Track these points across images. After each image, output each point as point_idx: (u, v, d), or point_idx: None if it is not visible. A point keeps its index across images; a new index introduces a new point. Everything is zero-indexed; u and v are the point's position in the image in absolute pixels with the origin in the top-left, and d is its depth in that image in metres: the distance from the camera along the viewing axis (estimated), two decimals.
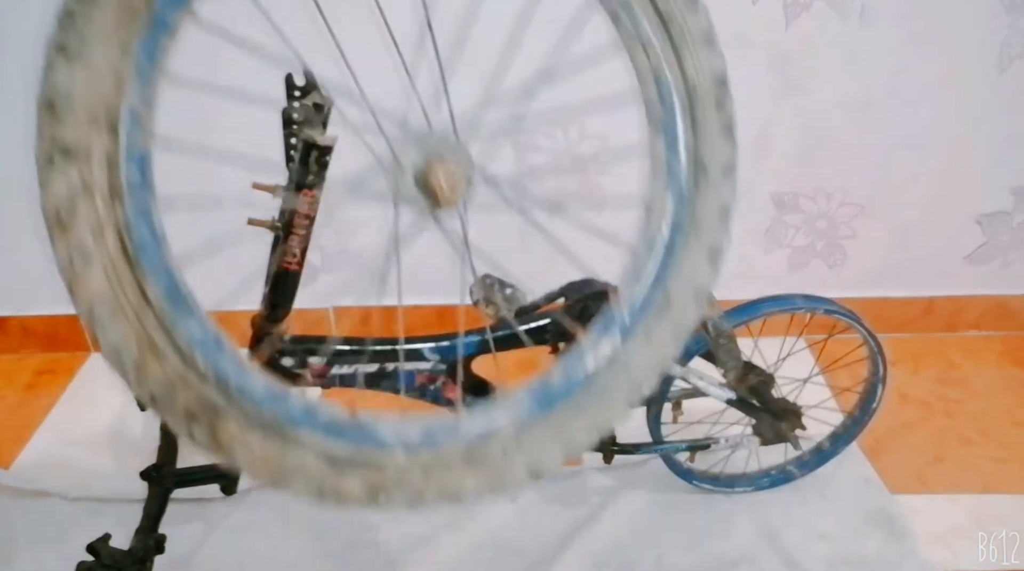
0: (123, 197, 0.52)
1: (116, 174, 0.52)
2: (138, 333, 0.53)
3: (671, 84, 0.63)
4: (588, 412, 0.65)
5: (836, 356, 1.14)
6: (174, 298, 0.54)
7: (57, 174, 0.51)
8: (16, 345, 1.49)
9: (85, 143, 0.51)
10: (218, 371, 0.55)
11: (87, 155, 0.51)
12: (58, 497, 1.14)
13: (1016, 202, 1.41)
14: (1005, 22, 1.23)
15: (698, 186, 0.66)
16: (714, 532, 1.10)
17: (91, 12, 0.49)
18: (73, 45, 0.49)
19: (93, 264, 0.51)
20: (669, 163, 0.65)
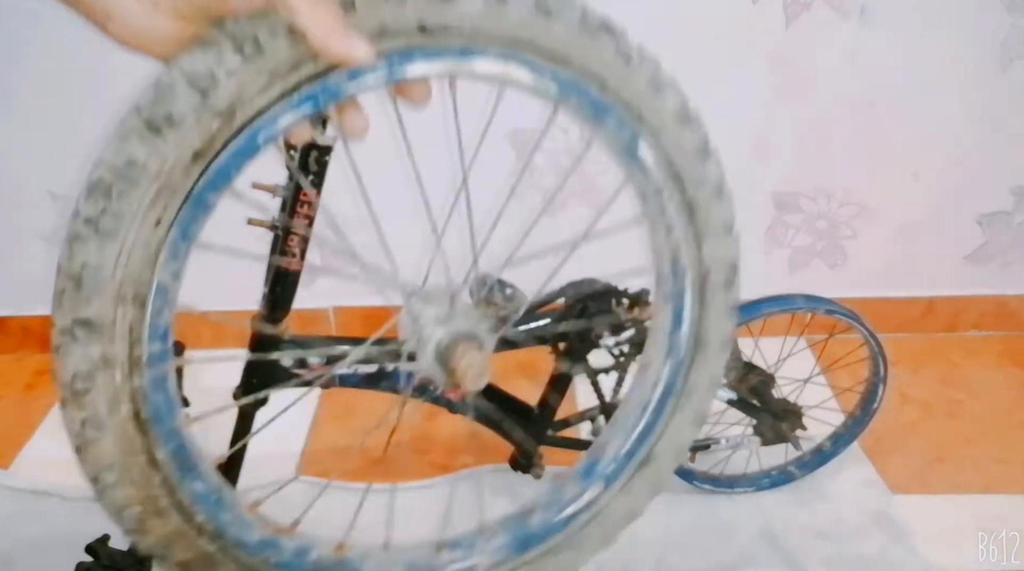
0: (142, 369, 0.51)
1: (138, 348, 0.51)
2: (142, 495, 0.53)
3: (686, 266, 0.65)
4: (560, 556, 0.69)
5: (837, 356, 1.14)
6: (181, 460, 0.54)
7: (77, 347, 0.49)
8: (16, 345, 1.49)
9: (110, 318, 0.49)
10: (217, 525, 0.57)
11: (110, 330, 0.49)
12: (57, 497, 1.14)
13: (1016, 202, 1.41)
14: (1006, 21, 1.23)
15: (695, 359, 0.68)
16: (715, 533, 1.09)
17: (130, 191, 0.47)
18: (106, 223, 0.47)
19: (105, 433, 0.51)
20: (672, 335, 0.67)
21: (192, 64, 0.46)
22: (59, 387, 0.49)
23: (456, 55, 0.51)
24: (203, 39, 0.46)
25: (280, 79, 0.48)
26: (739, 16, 1.21)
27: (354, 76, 0.49)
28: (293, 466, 1.20)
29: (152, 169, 0.47)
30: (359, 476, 1.16)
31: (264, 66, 0.47)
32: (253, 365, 0.89)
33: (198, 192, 0.49)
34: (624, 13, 1.08)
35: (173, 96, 0.46)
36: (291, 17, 0.45)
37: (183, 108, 0.46)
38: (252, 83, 0.47)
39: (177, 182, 0.48)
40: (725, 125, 1.44)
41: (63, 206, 1.35)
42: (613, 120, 0.57)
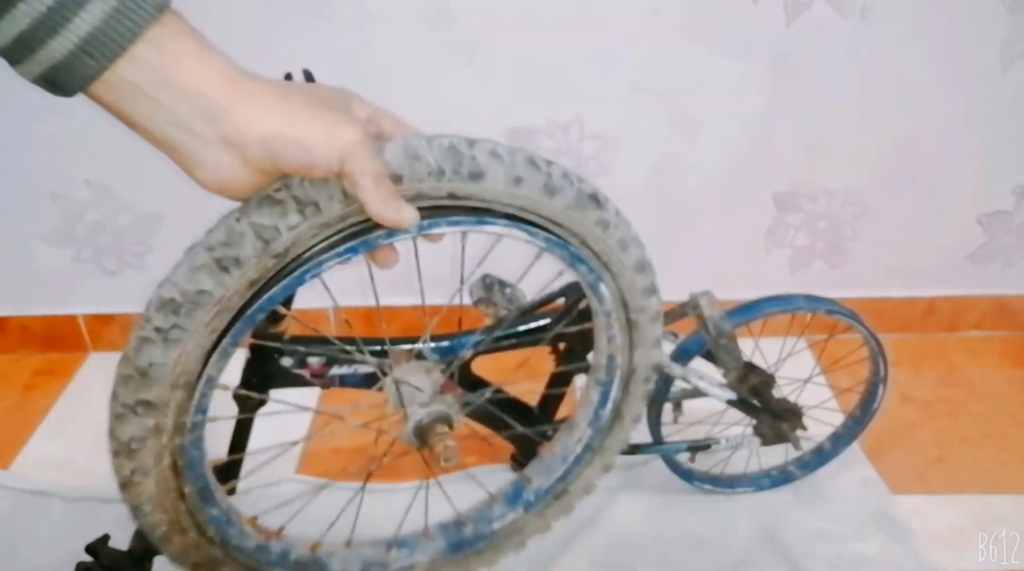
0: (185, 434, 0.64)
1: (184, 419, 0.63)
2: (169, 518, 0.69)
3: (619, 366, 0.82)
4: (484, 556, 0.90)
5: (837, 356, 1.14)
6: (204, 494, 0.71)
7: (136, 420, 0.61)
8: (15, 345, 1.49)
9: (165, 400, 0.61)
10: (223, 537, 0.74)
11: (164, 408, 0.62)
12: (57, 498, 1.14)
13: (1018, 202, 1.41)
14: (1007, 21, 1.22)
15: (612, 428, 0.87)
16: (715, 533, 1.09)
17: (195, 311, 0.58)
18: (174, 334, 0.58)
19: (149, 478, 0.65)
20: (597, 410, 0.86)
21: (260, 218, 0.56)
22: (115, 447, 0.63)
23: (473, 222, 0.64)
24: (271, 195, 0.55)
25: (329, 230, 0.59)
26: (739, 15, 1.21)
27: (391, 234, 0.60)
28: (293, 466, 1.21)
29: (216, 296, 0.58)
30: (359, 476, 1.16)
31: (319, 221, 0.58)
32: (253, 365, 0.89)
33: (250, 313, 0.60)
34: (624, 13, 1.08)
35: (242, 243, 0.57)
36: (355, 190, 0.54)
37: (249, 253, 0.57)
38: (307, 234, 0.58)
39: (234, 304, 0.59)
40: (725, 124, 1.45)
41: (63, 206, 1.35)
42: (585, 267, 0.72)
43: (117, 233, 1.38)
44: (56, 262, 1.40)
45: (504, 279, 0.98)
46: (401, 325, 1.36)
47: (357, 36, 1.19)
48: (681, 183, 1.36)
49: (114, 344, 1.48)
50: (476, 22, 1.19)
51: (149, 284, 0.59)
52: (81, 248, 1.40)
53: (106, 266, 1.42)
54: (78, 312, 1.47)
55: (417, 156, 0.59)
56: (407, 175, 0.59)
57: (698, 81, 1.27)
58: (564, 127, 1.29)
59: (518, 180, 0.63)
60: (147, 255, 1.41)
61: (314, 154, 0.51)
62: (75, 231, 1.38)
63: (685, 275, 1.31)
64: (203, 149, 0.49)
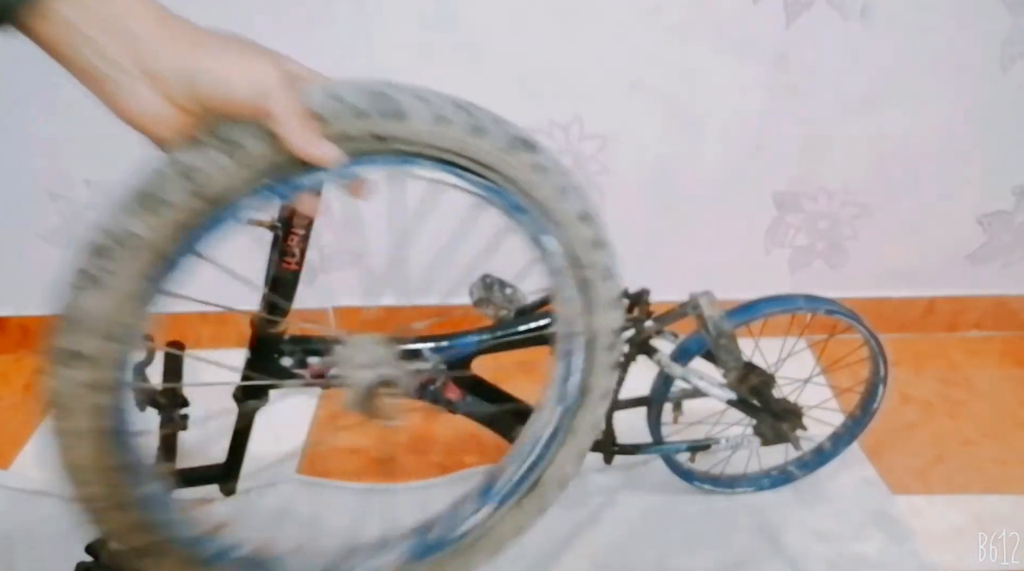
0: (118, 392, 0.63)
1: (119, 375, 0.63)
2: (106, 491, 0.66)
3: (579, 332, 0.78)
4: (456, 561, 0.83)
5: (837, 356, 1.13)
6: (135, 469, 0.67)
7: (68, 372, 0.60)
8: (14, 345, 1.49)
9: (98, 352, 0.60)
10: (164, 521, 0.70)
11: (97, 361, 0.60)
12: (57, 497, 1.13)
13: (1018, 202, 1.41)
14: (1007, 21, 1.22)
15: (581, 405, 0.82)
16: (715, 533, 1.09)
17: (126, 255, 0.58)
18: (103, 278, 0.58)
19: (83, 441, 0.63)
20: (562, 385, 0.81)
21: (186, 158, 0.57)
22: (47, 398, 0.61)
23: (396, 163, 0.64)
24: (196, 137, 0.56)
25: (259, 174, 0.59)
26: (739, 15, 1.21)
27: (313, 173, 0.61)
28: (293, 466, 1.21)
29: (145, 238, 0.58)
30: (359, 476, 1.16)
31: (246, 163, 0.58)
32: (253, 365, 0.89)
33: (173, 256, 0.60)
34: (624, 12, 1.08)
35: (169, 184, 0.57)
36: (276, 128, 0.55)
37: (177, 194, 0.58)
38: (236, 178, 0.58)
39: (164, 248, 0.59)
40: (725, 124, 1.44)
41: (63, 206, 1.35)
42: (525, 217, 0.70)
43: None
44: (56, 262, 1.40)
45: (504, 279, 0.98)
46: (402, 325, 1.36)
47: (357, 36, 1.19)
48: (681, 183, 1.36)
49: None
50: (476, 22, 1.19)
51: None
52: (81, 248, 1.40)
53: None
54: None
55: (339, 97, 0.59)
56: (329, 114, 0.59)
57: (698, 81, 1.27)
58: (564, 127, 1.29)
59: (442, 119, 0.63)
60: None
61: (235, 88, 0.52)
62: (75, 231, 1.38)
63: (685, 275, 1.31)
64: (129, 83, 0.51)
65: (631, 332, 0.97)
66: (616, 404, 1.01)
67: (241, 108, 0.54)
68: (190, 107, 0.53)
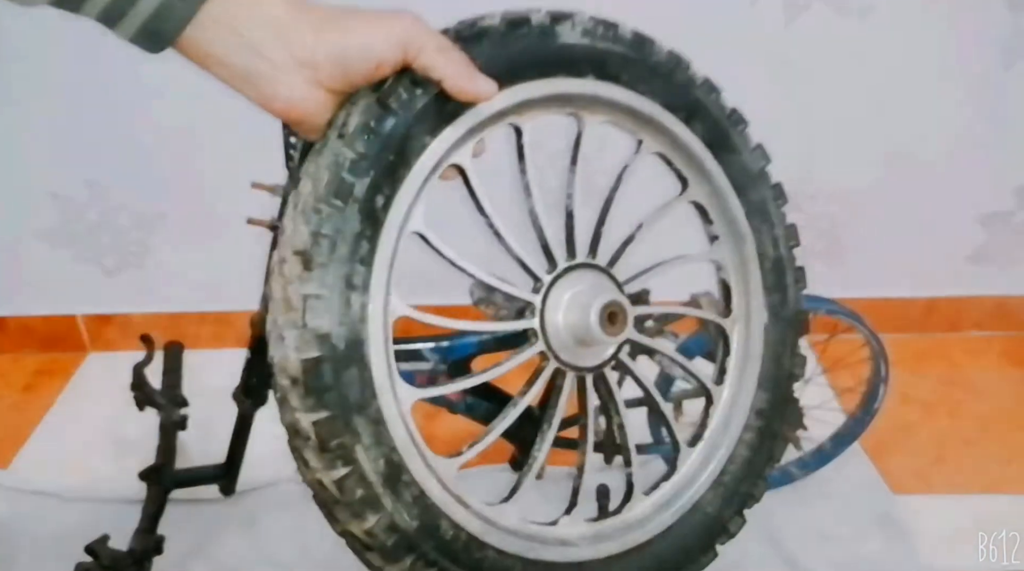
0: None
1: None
2: None
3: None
4: None
5: (838, 356, 1.13)
6: None
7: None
8: (14, 345, 1.48)
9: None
10: None
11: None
12: (56, 498, 1.14)
13: (1018, 202, 1.41)
14: (1009, 20, 1.22)
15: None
16: None
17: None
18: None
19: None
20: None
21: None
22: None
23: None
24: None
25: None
26: (738, 15, 1.21)
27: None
28: (293, 466, 1.20)
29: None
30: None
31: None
32: (253, 365, 0.89)
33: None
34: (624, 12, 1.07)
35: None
36: (427, 72, 0.55)
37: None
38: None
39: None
40: None
41: (63, 206, 1.35)
42: None
43: (117, 233, 1.38)
44: (56, 262, 1.40)
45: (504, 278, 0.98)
46: (401, 327, 1.36)
47: None
48: None
49: (113, 344, 1.48)
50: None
51: (149, 284, 0.59)
52: (81, 248, 1.40)
53: (106, 266, 1.42)
54: (77, 312, 1.46)
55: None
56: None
57: None
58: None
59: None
60: (146, 255, 1.41)
61: (378, 52, 0.54)
62: (75, 231, 1.38)
63: (685, 275, 1.31)
64: (278, 75, 0.52)
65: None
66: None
67: (388, 68, 0.55)
68: (340, 87, 0.55)
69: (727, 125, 0.74)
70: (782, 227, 0.80)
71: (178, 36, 0.50)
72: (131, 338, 1.29)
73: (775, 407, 0.79)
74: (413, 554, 0.60)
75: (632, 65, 0.68)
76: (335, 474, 0.57)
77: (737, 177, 0.75)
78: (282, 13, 0.51)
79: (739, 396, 0.79)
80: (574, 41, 0.64)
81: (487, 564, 0.65)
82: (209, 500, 1.09)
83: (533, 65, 0.63)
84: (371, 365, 0.58)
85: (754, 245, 0.77)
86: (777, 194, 0.79)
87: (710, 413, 0.80)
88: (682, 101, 0.71)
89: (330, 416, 0.56)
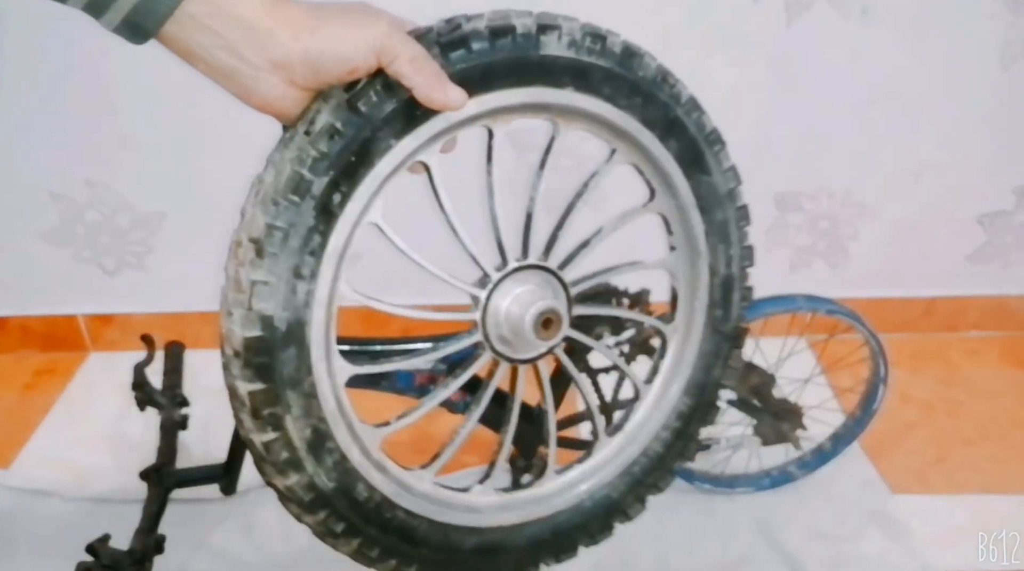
0: None
1: None
2: None
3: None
4: None
5: (837, 356, 1.14)
6: None
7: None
8: (15, 345, 1.49)
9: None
10: None
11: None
12: (57, 497, 1.14)
13: (1018, 202, 1.41)
14: (1008, 21, 1.22)
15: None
16: (715, 532, 1.10)
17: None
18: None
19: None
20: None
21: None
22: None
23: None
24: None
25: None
26: (740, 15, 1.21)
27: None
28: None
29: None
30: None
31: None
32: None
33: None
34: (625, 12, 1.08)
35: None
36: (400, 79, 0.57)
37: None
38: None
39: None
40: (726, 124, 1.43)
41: (63, 206, 1.35)
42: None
43: (117, 233, 1.38)
44: (56, 262, 1.40)
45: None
46: (400, 325, 1.36)
47: None
48: None
49: (114, 344, 1.48)
50: None
51: (149, 284, 0.59)
52: (81, 248, 1.40)
53: (106, 266, 1.42)
54: (78, 312, 1.47)
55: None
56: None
57: (698, 81, 1.26)
58: None
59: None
60: (147, 255, 1.41)
61: (353, 59, 0.55)
62: (75, 231, 1.38)
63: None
64: (255, 74, 0.54)
65: (631, 332, 0.97)
66: (615, 404, 1.01)
67: (361, 73, 0.57)
68: (314, 86, 0.57)
69: (703, 145, 0.75)
70: (739, 248, 0.81)
71: (158, 30, 0.52)
72: (132, 338, 1.29)
73: (696, 411, 0.84)
74: (327, 509, 0.67)
75: (615, 80, 0.68)
76: (264, 437, 0.62)
77: (704, 196, 0.77)
78: (258, 14, 0.53)
79: (664, 397, 0.83)
80: (558, 53, 0.64)
81: (395, 523, 0.72)
82: (210, 500, 1.09)
83: (512, 74, 0.63)
84: (310, 345, 0.62)
85: (708, 262, 0.79)
86: (741, 216, 0.80)
87: (634, 408, 0.84)
88: (661, 118, 0.72)
89: (265, 388, 0.61)
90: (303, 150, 0.58)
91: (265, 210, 0.58)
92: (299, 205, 0.58)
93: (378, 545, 0.71)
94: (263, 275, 0.58)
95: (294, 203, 0.58)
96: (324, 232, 0.60)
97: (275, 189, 0.58)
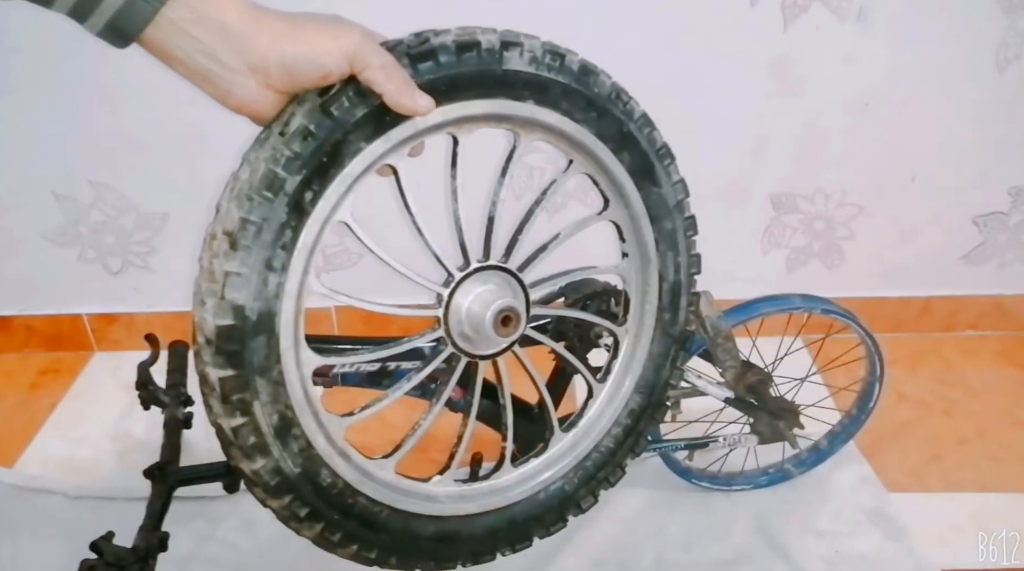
0: None
1: None
2: None
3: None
4: None
5: (834, 355, 1.14)
6: None
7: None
8: (20, 344, 1.50)
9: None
10: None
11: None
12: (61, 495, 1.15)
13: (1013, 202, 1.42)
14: (1003, 23, 1.23)
15: None
16: (712, 530, 1.10)
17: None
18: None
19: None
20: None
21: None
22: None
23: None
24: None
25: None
26: (737, 18, 1.22)
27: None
28: None
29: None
30: None
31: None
32: None
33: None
34: (624, 13, 1.09)
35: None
36: (371, 86, 0.60)
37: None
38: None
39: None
40: (723, 126, 1.45)
41: (66, 206, 1.36)
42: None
43: (121, 233, 1.39)
44: (60, 262, 1.41)
45: None
46: (401, 325, 1.37)
47: None
48: None
49: (118, 343, 1.49)
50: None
51: (153, 284, 0.61)
52: (85, 248, 1.41)
53: (110, 266, 1.43)
54: (82, 311, 1.48)
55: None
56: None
57: (696, 84, 1.28)
58: None
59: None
60: (151, 255, 1.42)
61: (326, 65, 0.58)
62: (79, 231, 1.39)
63: None
64: (232, 77, 0.57)
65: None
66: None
67: (334, 78, 0.59)
68: (290, 90, 0.60)
69: (654, 159, 0.79)
70: (687, 256, 0.85)
71: (139, 34, 0.54)
72: (136, 337, 1.30)
73: (646, 409, 0.90)
74: (292, 494, 0.70)
75: (572, 95, 0.72)
76: (233, 422, 0.65)
77: (654, 206, 0.80)
78: (236, 20, 0.55)
79: (616, 395, 0.88)
80: (520, 68, 0.68)
81: (357, 509, 0.76)
82: (213, 497, 1.10)
83: (475, 87, 0.67)
84: (280, 335, 0.65)
85: (657, 268, 0.83)
86: (689, 226, 0.84)
87: (588, 405, 0.89)
88: (614, 133, 0.76)
89: (234, 375, 0.63)
90: (277, 149, 0.61)
91: (240, 205, 0.61)
92: (272, 201, 0.61)
93: (340, 530, 0.74)
94: (236, 266, 0.61)
95: (267, 199, 0.61)
96: (296, 227, 0.63)
97: (250, 186, 0.61)
